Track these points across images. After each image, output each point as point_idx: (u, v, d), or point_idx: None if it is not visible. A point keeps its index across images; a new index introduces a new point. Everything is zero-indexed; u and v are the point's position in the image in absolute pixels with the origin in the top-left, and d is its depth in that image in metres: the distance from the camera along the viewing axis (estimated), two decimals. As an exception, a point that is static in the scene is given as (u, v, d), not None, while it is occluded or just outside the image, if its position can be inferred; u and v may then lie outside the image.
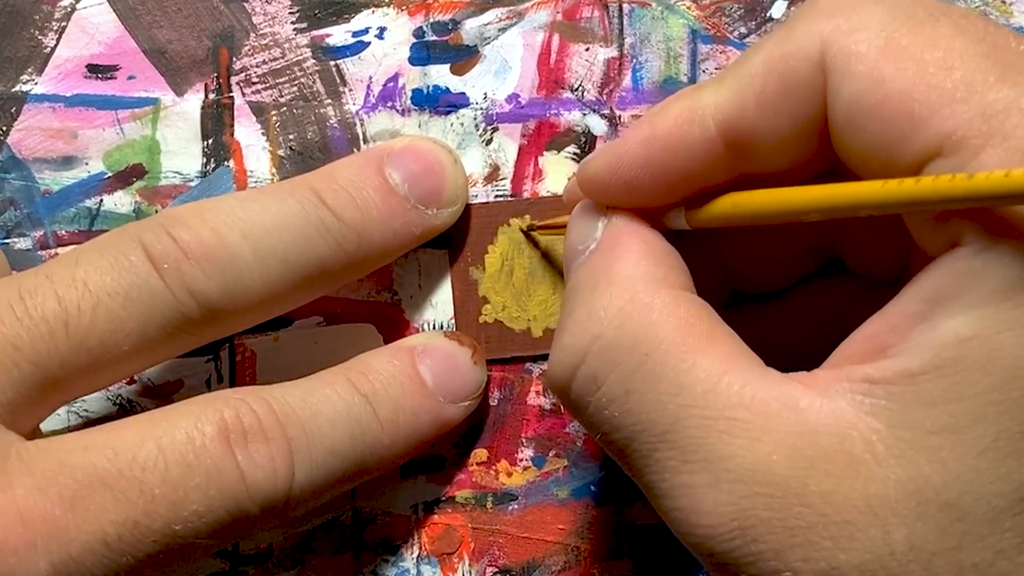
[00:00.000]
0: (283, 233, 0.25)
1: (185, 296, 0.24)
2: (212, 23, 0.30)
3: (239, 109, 0.30)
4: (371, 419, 0.26)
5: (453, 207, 0.28)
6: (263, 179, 0.30)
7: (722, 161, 0.22)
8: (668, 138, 0.22)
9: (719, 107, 0.21)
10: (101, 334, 0.23)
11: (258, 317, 0.26)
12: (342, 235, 0.26)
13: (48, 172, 0.30)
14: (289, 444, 0.24)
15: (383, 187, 0.27)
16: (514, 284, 0.30)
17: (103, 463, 0.22)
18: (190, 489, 0.23)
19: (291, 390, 0.25)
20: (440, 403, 0.27)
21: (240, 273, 0.24)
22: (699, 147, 0.22)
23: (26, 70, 0.30)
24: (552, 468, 0.30)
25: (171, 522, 0.22)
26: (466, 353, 0.28)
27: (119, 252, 0.24)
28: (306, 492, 0.24)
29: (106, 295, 0.23)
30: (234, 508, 0.23)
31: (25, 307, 0.23)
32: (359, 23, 0.30)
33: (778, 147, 0.21)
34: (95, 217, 0.30)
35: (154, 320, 0.24)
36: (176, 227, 0.24)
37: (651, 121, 0.22)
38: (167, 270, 0.24)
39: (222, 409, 0.23)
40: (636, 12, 0.30)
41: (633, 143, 0.23)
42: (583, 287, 0.23)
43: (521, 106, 0.30)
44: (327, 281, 0.26)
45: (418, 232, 0.28)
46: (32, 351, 0.23)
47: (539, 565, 0.29)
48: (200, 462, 0.23)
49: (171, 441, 0.23)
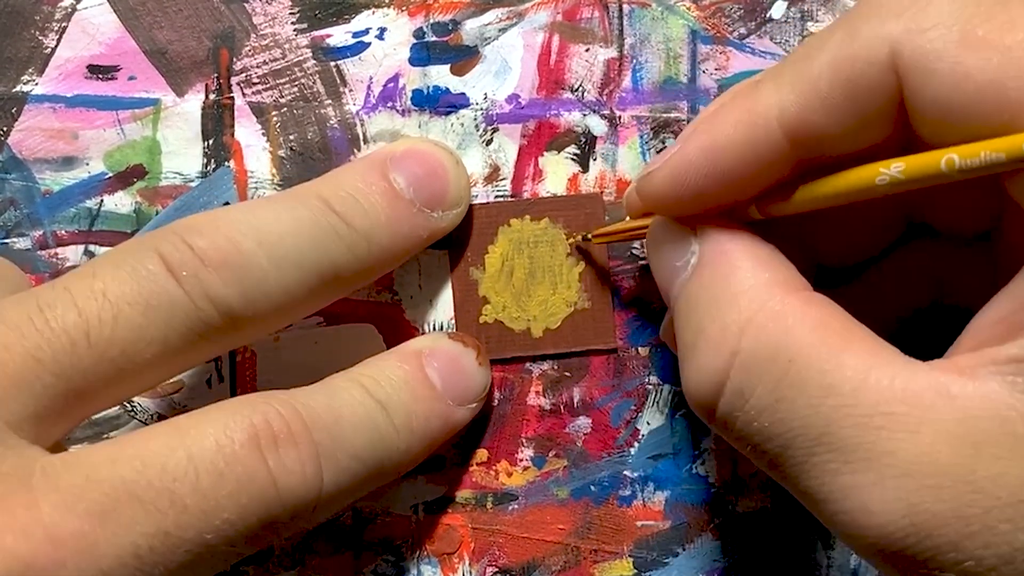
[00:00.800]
0: (297, 240, 0.25)
1: (205, 303, 0.24)
2: (212, 24, 0.30)
3: (239, 110, 0.30)
4: (388, 425, 0.26)
5: (457, 209, 0.29)
6: (263, 179, 0.30)
7: (788, 157, 0.22)
8: (731, 145, 0.22)
9: (784, 110, 0.21)
10: (123, 344, 0.23)
11: (275, 324, 0.26)
12: (353, 241, 0.26)
13: (49, 172, 0.30)
14: (317, 449, 0.24)
15: (389, 192, 0.27)
16: (514, 284, 0.30)
17: (132, 475, 0.22)
18: (222, 497, 0.22)
19: (314, 395, 0.25)
20: (449, 406, 0.27)
21: (258, 280, 0.24)
22: (766, 150, 0.21)
23: (27, 70, 0.30)
24: (552, 468, 0.30)
25: (203, 531, 0.22)
26: (471, 354, 0.28)
27: (136, 262, 0.24)
28: (333, 497, 0.24)
29: (126, 304, 0.23)
30: (265, 514, 0.23)
31: (45, 319, 0.23)
32: (359, 24, 0.30)
33: (848, 140, 0.21)
34: (95, 217, 0.30)
35: (175, 328, 0.23)
36: (191, 235, 0.24)
37: (708, 129, 0.22)
38: (186, 278, 0.24)
39: (250, 415, 0.23)
40: (636, 13, 0.30)
41: (694, 153, 0.22)
42: (701, 304, 0.22)
43: (521, 106, 0.30)
44: (340, 287, 0.26)
45: (424, 235, 0.28)
46: (54, 363, 0.23)
47: (539, 565, 0.29)
48: (231, 469, 0.22)
49: (200, 449, 0.22)
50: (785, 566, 0.30)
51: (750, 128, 0.21)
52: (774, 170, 0.22)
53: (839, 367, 0.20)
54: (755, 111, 0.21)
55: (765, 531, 0.30)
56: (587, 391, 0.30)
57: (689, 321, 0.23)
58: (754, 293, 0.22)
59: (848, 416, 0.20)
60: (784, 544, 0.30)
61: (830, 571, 0.30)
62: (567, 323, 0.30)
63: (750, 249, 0.23)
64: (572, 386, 0.30)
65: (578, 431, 0.30)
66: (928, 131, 0.20)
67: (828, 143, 0.21)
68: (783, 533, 0.30)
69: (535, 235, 0.30)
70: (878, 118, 0.20)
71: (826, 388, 0.20)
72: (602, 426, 0.30)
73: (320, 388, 0.25)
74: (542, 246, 0.30)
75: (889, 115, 0.20)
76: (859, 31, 0.20)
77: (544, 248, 0.30)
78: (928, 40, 0.19)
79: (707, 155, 0.22)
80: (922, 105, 0.19)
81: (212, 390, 0.30)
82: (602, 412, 0.30)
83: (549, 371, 0.30)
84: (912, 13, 0.20)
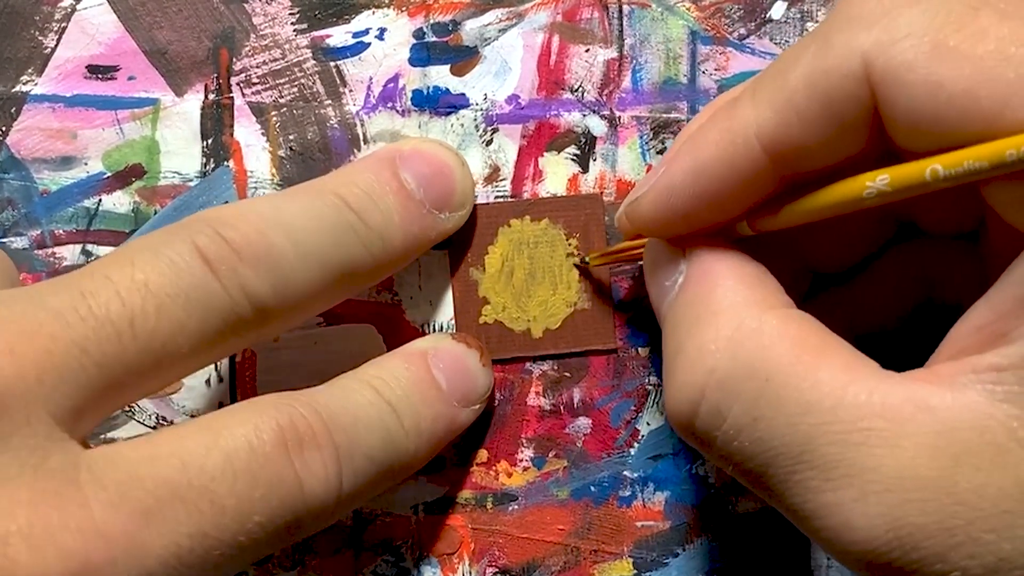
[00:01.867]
0: (320, 235, 0.25)
1: (240, 296, 0.23)
2: (212, 24, 0.30)
3: (239, 109, 0.30)
4: (398, 426, 0.26)
5: (463, 210, 0.29)
6: (263, 179, 0.30)
7: (770, 173, 0.22)
8: (713, 164, 0.22)
9: (762, 127, 0.21)
10: (165, 336, 0.23)
11: (297, 320, 0.26)
12: (368, 239, 0.26)
13: (47, 172, 0.30)
14: (337, 451, 0.24)
15: (402, 192, 0.27)
16: (514, 285, 0.30)
17: (173, 474, 0.22)
18: (255, 500, 0.22)
19: (330, 397, 0.25)
20: (455, 407, 0.27)
21: (286, 273, 0.24)
22: (747, 167, 0.21)
23: (26, 70, 0.30)
24: (552, 468, 0.30)
25: (237, 533, 0.22)
26: (475, 355, 0.28)
27: (175, 253, 0.23)
28: (349, 498, 0.24)
29: (167, 296, 0.23)
30: (292, 516, 0.23)
31: (89, 308, 0.22)
32: (359, 24, 0.30)
33: (826, 152, 0.21)
34: (93, 217, 0.30)
35: (211, 321, 0.23)
36: (224, 228, 0.24)
37: (690, 149, 0.22)
38: (223, 271, 0.23)
39: (276, 416, 0.23)
40: (636, 13, 0.30)
41: (678, 175, 0.22)
42: (684, 322, 0.23)
43: (521, 107, 0.30)
44: (355, 284, 0.26)
45: (432, 236, 0.28)
46: (100, 353, 0.22)
47: (539, 565, 0.29)
48: (264, 471, 0.22)
49: (235, 450, 0.22)
50: (785, 566, 0.30)
51: (730, 146, 0.22)
52: (758, 186, 0.22)
53: (817, 384, 0.20)
54: (733, 129, 0.21)
55: (765, 532, 0.30)
56: (587, 391, 0.30)
57: (671, 340, 0.23)
58: (733, 311, 0.22)
59: (827, 433, 0.20)
60: (784, 545, 0.30)
61: (830, 571, 0.30)
62: (567, 323, 0.30)
63: (735, 268, 0.23)
64: (572, 386, 0.30)
65: (578, 431, 0.30)
66: (905, 140, 0.20)
67: (807, 157, 0.21)
68: (783, 534, 0.30)
69: (535, 235, 0.30)
70: (854, 129, 0.20)
71: (804, 406, 0.20)
72: (602, 426, 0.30)
73: (334, 389, 0.25)
74: (542, 246, 0.30)
75: (865, 126, 0.20)
76: (832, 44, 0.20)
77: (544, 248, 0.30)
78: (900, 51, 0.19)
79: (690, 176, 0.22)
80: (897, 115, 0.19)
81: (211, 390, 0.30)
82: (602, 412, 0.30)
83: (549, 371, 0.30)
84: (883, 24, 0.19)
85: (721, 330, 0.22)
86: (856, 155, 0.21)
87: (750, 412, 0.21)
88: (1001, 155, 0.18)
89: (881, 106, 0.20)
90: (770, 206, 0.23)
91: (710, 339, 0.22)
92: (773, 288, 0.23)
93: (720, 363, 0.21)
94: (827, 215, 0.22)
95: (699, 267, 0.23)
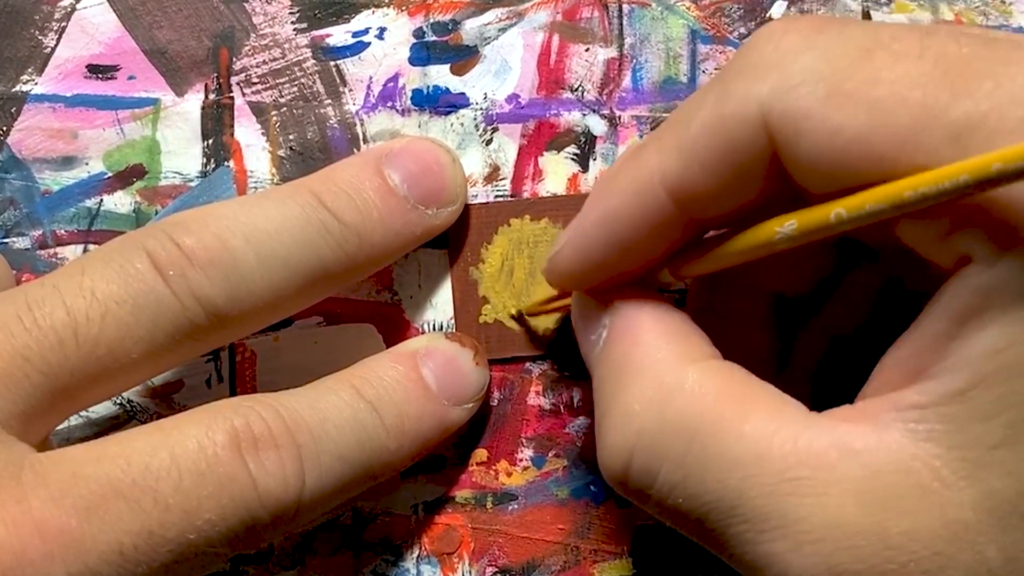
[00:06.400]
0: (285, 237, 0.25)
1: (191, 302, 0.24)
2: (212, 23, 0.30)
3: (239, 109, 0.30)
4: (377, 425, 0.26)
5: (452, 207, 0.28)
6: (263, 179, 0.30)
7: (678, 219, 0.22)
8: (622, 213, 0.22)
9: (666, 174, 0.21)
10: (110, 342, 0.23)
11: (263, 322, 0.26)
12: (343, 237, 0.26)
13: (48, 172, 0.30)
14: (299, 451, 0.24)
15: (382, 188, 0.27)
16: (514, 284, 0.30)
17: (117, 473, 0.22)
18: (203, 498, 0.22)
19: (298, 397, 0.25)
20: (444, 406, 0.27)
21: (244, 278, 0.24)
22: (654, 213, 0.22)
23: (26, 70, 0.30)
24: (552, 468, 0.30)
25: (185, 531, 0.22)
26: (468, 355, 0.28)
27: (124, 260, 0.24)
28: (316, 499, 0.24)
29: (114, 303, 0.23)
30: (247, 516, 0.23)
31: (33, 317, 0.23)
32: (359, 23, 0.30)
33: (729, 198, 0.21)
34: (95, 217, 0.30)
35: (161, 327, 0.24)
36: (179, 233, 0.24)
37: (601, 199, 0.22)
38: (172, 277, 0.24)
39: (232, 417, 0.23)
40: (636, 12, 0.30)
41: (591, 227, 0.23)
42: (608, 380, 0.23)
43: (521, 106, 0.30)
44: (330, 283, 0.26)
45: (418, 232, 0.28)
46: (42, 362, 0.23)
47: (539, 565, 0.29)
48: (212, 471, 0.23)
49: (183, 450, 0.23)
50: (785, 566, 0.30)
51: (637, 195, 0.22)
52: (668, 232, 0.22)
53: (741, 437, 0.20)
54: (639, 177, 0.22)
55: (765, 531, 0.30)
56: (587, 391, 0.30)
57: (600, 397, 0.23)
58: (655, 369, 0.22)
59: (756, 486, 0.20)
60: (784, 544, 0.30)
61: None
62: (567, 323, 0.30)
63: (656, 321, 0.23)
64: (572, 386, 0.30)
65: (578, 431, 0.30)
66: (808, 183, 0.20)
67: (711, 202, 0.21)
68: (783, 533, 0.30)
69: (535, 235, 0.30)
70: (755, 175, 0.20)
71: (731, 461, 0.20)
72: (602, 426, 0.30)
73: (308, 390, 0.26)
74: (542, 246, 0.30)
75: (765, 171, 0.20)
76: (729, 92, 0.20)
77: (544, 248, 0.30)
78: (795, 98, 0.19)
79: (601, 226, 0.22)
80: (796, 161, 0.20)
81: (212, 390, 0.30)
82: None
83: (549, 371, 0.30)
84: (779, 71, 0.19)
85: (645, 390, 0.22)
86: (760, 199, 0.21)
87: (679, 470, 0.21)
88: (900, 196, 0.18)
89: (781, 151, 0.20)
90: (690, 252, 0.23)
91: (635, 399, 0.22)
92: (696, 339, 0.23)
93: (646, 424, 0.21)
94: (745, 259, 0.22)
95: (621, 321, 0.23)
